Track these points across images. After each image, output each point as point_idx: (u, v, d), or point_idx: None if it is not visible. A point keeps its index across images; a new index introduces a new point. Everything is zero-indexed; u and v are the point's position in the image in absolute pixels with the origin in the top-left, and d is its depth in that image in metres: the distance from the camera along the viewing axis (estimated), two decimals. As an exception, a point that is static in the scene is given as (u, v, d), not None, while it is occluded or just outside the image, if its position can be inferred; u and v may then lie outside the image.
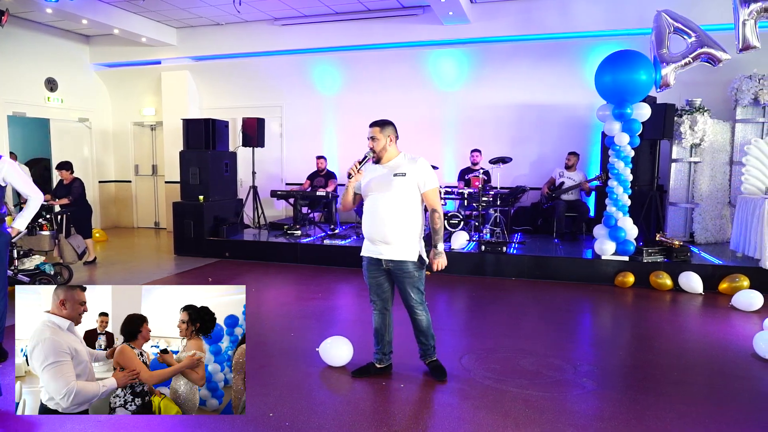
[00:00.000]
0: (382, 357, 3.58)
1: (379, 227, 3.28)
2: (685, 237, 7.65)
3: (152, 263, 7.60)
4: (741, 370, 3.78)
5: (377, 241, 3.32)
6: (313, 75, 9.85)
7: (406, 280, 3.36)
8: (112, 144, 11.29)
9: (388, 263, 3.34)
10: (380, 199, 3.28)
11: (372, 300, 3.52)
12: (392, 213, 3.26)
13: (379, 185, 3.30)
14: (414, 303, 3.42)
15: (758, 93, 7.10)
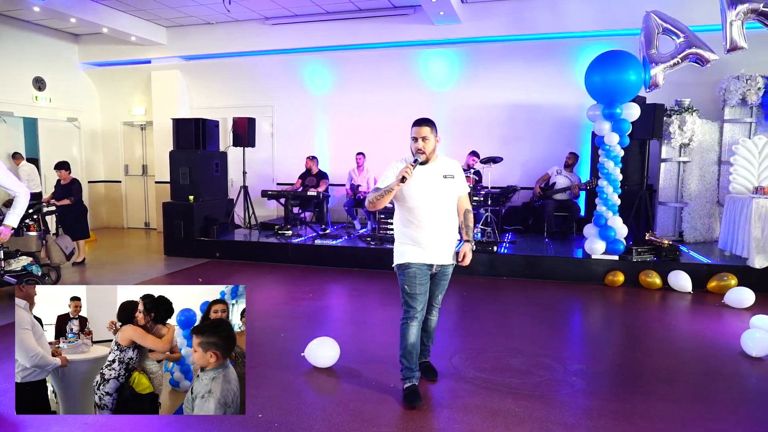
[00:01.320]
0: (419, 374, 3.32)
1: (433, 232, 3.13)
2: (674, 236, 7.70)
3: (142, 264, 7.54)
4: (728, 369, 3.81)
5: (430, 246, 3.14)
6: (303, 75, 9.83)
7: (443, 282, 3.33)
8: (101, 144, 11.21)
9: (437, 268, 3.22)
10: (432, 203, 3.12)
11: (413, 309, 3.17)
12: (446, 216, 3.18)
13: (430, 188, 3.12)
14: (437, 305, 3.41)
15: (746, 93, 7.16)
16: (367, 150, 9.12)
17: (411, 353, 3.20)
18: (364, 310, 5.50)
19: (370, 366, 3.77)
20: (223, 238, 8.05)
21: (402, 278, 3.19)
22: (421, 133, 3.11)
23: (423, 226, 3.13)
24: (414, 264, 3.15)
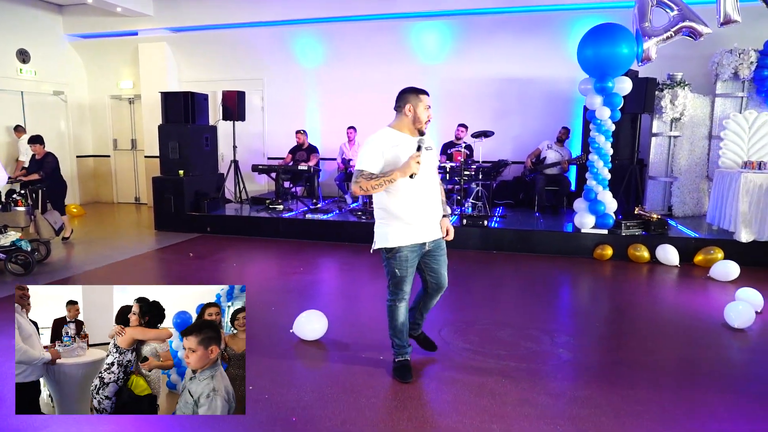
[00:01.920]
0: (411, 348, 3.31)
1: (423, 208, 3.01)
2: (663, 210, 7.75)
3: (133, 239, 7.52)
4: (711, 340, 3.88)
5: (421, 224, 3.03)
6: (294, 47, 9.69)
7: (442, 257, 3.19)
8: (89, 118, 11.05)
9: (431, 244, 3.11)
10: (425, 177, 2.98)
11: (402, 292, 3.10)
12: (433, 190, 3.07)
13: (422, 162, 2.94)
14: (445, 283, 3.25)
15: (738, 67, 7.13)
16: (359, 124, 9.05)
17: (402, 331, 3.19)
18: (355, 283, 5.53)
19: (360, 338, 3.82)
20: (214, 212, 8.02)
21: (392, 262, 3.06)
22: (429, 102, 3.00)
23: (413, 203, 2.98)
24: (405, 247, 3.02)
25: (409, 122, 2.99)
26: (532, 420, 2.73)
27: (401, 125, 3.02)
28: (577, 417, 2.77)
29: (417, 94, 3.00)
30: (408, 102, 2.98)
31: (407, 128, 3.01)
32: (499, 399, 2.94)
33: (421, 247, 3.09)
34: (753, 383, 3.20)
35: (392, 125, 3.05)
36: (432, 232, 3.10)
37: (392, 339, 3.24)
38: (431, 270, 3.20)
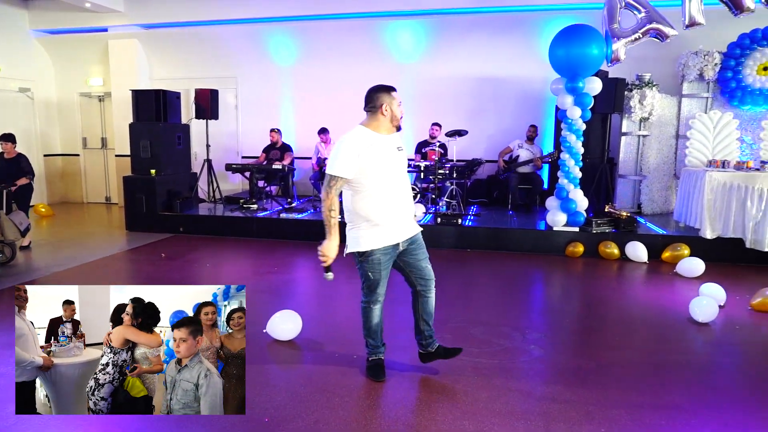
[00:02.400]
0: (384, 348, 3.26)
1: (397, 208, 2.97)
2: (633, 208, 7.93)
3: (103, 239, 7.38)
4: (677, 334, 3.99)
5: (394, 224, 2.96)
6: (269, 45, 9.61)
7: (420, 251, 3.09)
8: (57, 116, 10.79)
9: (404, 243, 3.03)
10: (392, 179, 2.95)
11: (376, 294, 3.08)
12: (405, 190, 3.03)
13: (393, 163, 2.95)
14: (431, 275, 3.13)
15: (703, 69, 7.33)
16: (333, 122, 9.03)
17: (376, 332, 3.17)
18: (329, 283, 5.49)
19: (334, 338, 3.83)
20: (187, 212, 7.92)
21: (365, 265, 3.01)
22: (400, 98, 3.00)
23: (385, 206, 2.92)
24: (377, 250, 2.96)
25: (387, 121, 2.95)
26: (503, 417, 2.77)
27: (377, 125, 2.95)
28: (548, 413, 2.82)
29: (389, 92, 2.96)
30: (383, 102, 2.91)
31: (384, 128, 2.96)
32: (471, 396, 2.98)
33: (395, 248, 3.01)
34: (716, 376, 3.30)
35: (366, 124, 2.96)
36: (404, 231, 3.02)
37: (366, 339, 3.24)
38: (411, 267, 3.09)
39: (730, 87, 7.27)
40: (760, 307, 4.45)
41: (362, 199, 2.93)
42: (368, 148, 2.87)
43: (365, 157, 2.85)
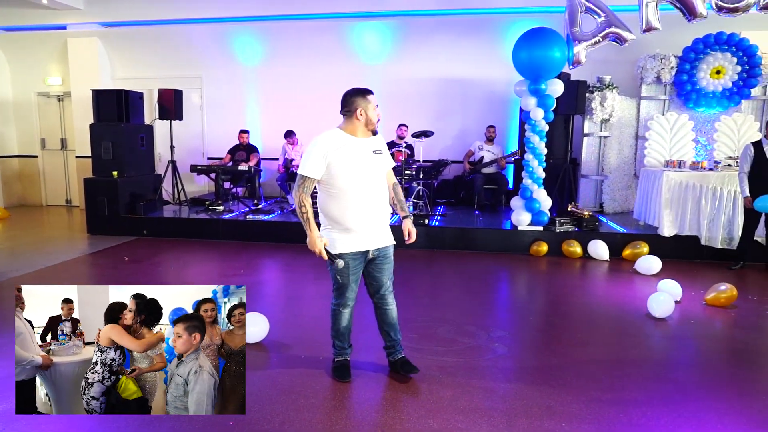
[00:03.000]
0: (351, 350, 3.30)
1: (367, 215, 2.93)
2: (595, 207, 8.13)
3: (64, 243, 7.18)
4: (635, 329, 4.12)
5: (364, 231, 2.95)
6: (234, 45, 9.51)
7: (386, 266, 3.09)
8: (13, 116, 10.43)
9: (375, 252, 3.02)
10: (364, 183, 2.90)
11: (344, 298, 3.07)
12: (379, 196, 2.97)
13: (361, 167, 2.89)
14: (388, 292, 3.15)
15: (660, 72, 7.57)
16: (299, 123, 9.01)
17: (343, 334, 3.19)
18: (297, 284, 5.50)
19: (301, 340, 3.82)
20: (151, 214, 7.77)
21: (334, 268, 2.98)
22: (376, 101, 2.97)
23: (355, 210, 2.89)
24: (346, 254, 2.94)
25: (362, 125, 2.93)
26: (467, 414, 2.82)
27: (353, 128, 2.93)
28: (511, 409, 2.88)
29: (365, 95, 2.93)
30: (358, 106, 2.90)
31: (360, 131, 2.94)
32: (435, 395, 3.02)
33: (364, 255, 3.00)
34: (672, 371, 3.42)
35: (342, 127, 2.96)
36: (376, 239, 3.01)
37: (333, 340, 3.25)
38: (372, 278, 3.11)
39: (686, 90, 7.53)
40: (714, 302, 4.63)
41: (332, 202, 2.93)
42: (338, 149, 2.86)
43: (334, 159, 2.85)
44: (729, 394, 3.10)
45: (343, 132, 2.95)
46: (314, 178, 2.89)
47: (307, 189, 2.90)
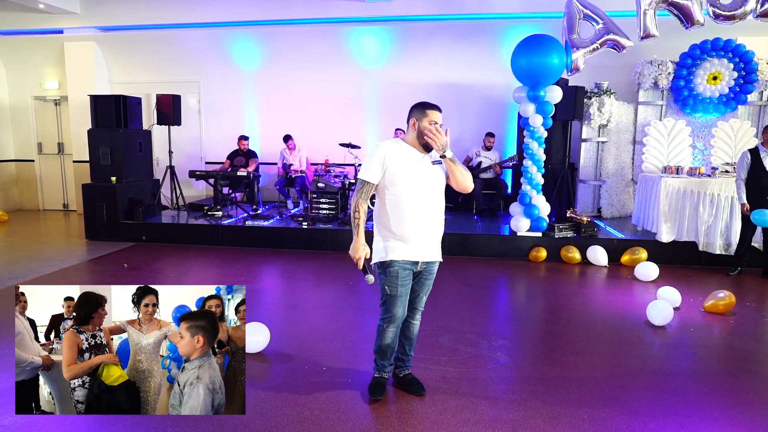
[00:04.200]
0: (391, 368, 3.24)
1: (421, 225, 2.89)
2: (593, 212, 8.16)
3: (61, 249, 7.16)
4: (635, 337, 4.14)
5: (417, 241, 2.90)
6: (232, 50, 9.51)
7: (428, 282, 3.07)
8: (9, 120, 10.40)
9: (423, 265, 2.99)
10: (421, 193, 2.87)
11: (391, 314, 2.98)
12: (435, 207, 2.94)
13: (420, 177, 2.87)
14: (420, 308, 3.14)
15: (657, 78, 7.61)
16: (298, 128, 9.02)
17: (385, 352, 3.11)
18: (297, 292, 5.50)
19: (302, 350, 3.82)
20: (150, 220, 7.76)
21: (383, 278, 2.95)
22: (439, 118, 2.86)
23: (409, 218, 2.86)
24: (397, 262, 2.90)
25: (414, 137, 2.90)
26: (470, 425, 2.83)
27: (411, 139, 2.92)
28: (514, 420, 2.89)
29: (423, 109, 2.90)
30: (412, 117, 2.91)
31: (414, 142, 2.91)
32: (440, 405, 3.03)
33: (414, 265, 2.96)
34: (671, 379, 3.44)
35: (404, 137, 2.99)
36: (428, 252, 2.97)
37: (375, 354, 3.17)
38: (411, 291, 3.06)
39: (683, 95, 7.57)
40: (712, 309, 4.66)
41: (388, 209, 2.91)
42: (394, 157, 2.87)
43: (392, 165, 2.86)
44: (729, 403, 3.12)
45: (401, 141, 2.95)
46: (372, 183, 2.89)
47: (364, 194, 2.90)
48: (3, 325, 4.30)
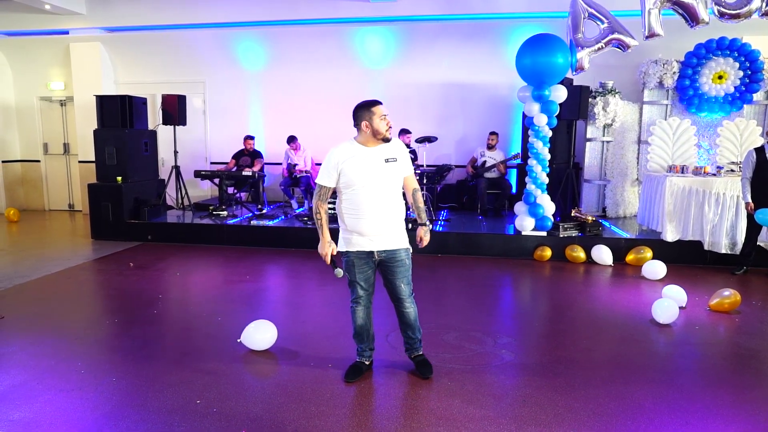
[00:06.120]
0: (370, 353, 3.43)
1: (376, 219, 3.07)
2: (598, 212, 8.16)
3: (67, 249, 7.19)
4: (640, 335, 4.14)
5: (372, 234, 3.10)
6: (237, 50, 9.54)
7: (398, 270, 3.20)
8: (15, 120, 10.46)
9: (381, 254, 3.16)
10: (374, 190, 3.05)
11: (357, 295, 3.26)
12: (389, 202, 3.10)
13: (371, 174, 3.03)
14: (404, 295, 3.26)
15: (662, 77, 7.60)
16: (303, 128, 9.04)
17: (360, 334, 3.33)
18: (302, 291, 5.52)
19: (308, 347, 3.83)
20: (155, 220, 7.79)
21: (343, 265, 3.23)
22: (386, 110, 3.07)
23: (365, 214, 3.06)
24: (351, 252, 3.17)
25: (370, 136, 3.05)
26: (476, 421, 2.84)
27: (363, 139, 3.09)
28: (520, 416, 2.90)
29: (369, 107, 3.05)
30: (362, 119, 3.04)
31: (370, 141, 3.07)
32: (445, 402, 3.04)
33: (369, 255, 3.16)
34: (676, 376, 3.44)
35: (356, 138, 3.13)
36: (381, 242, 3.14)
37: (354, 340, 3.41)
38: (386, 280, 3.27)
39: (688, 94, 7.56)
40: (718, 307, 4.65)
41: (342, 205, 3.15)
42: (348, 159, 3.05)
43: (345, 168, 3.04)
44: (734, 400, 3.12)
45: (355, 143, 3.12)
46: (328, 187, 3.12)
47: (322, 197, 3.14)
48: (10, 323, 4.33)
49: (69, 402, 3.00)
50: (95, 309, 4.91)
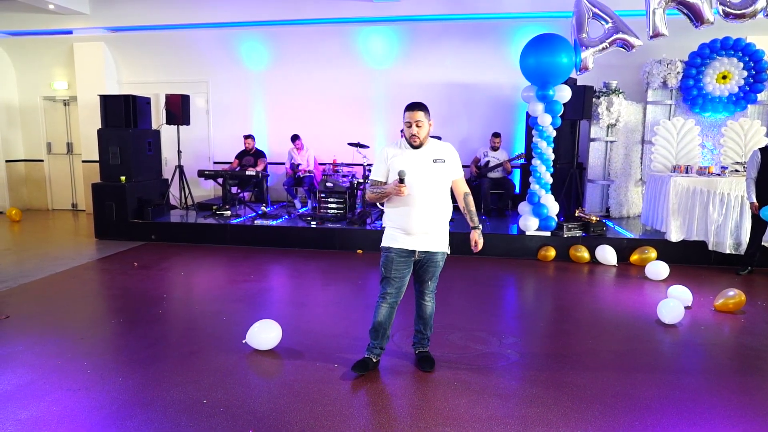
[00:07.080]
0: (380, 352, 3.45)
1: (421, 219, 3.13)
2: (601, 212, 8.14)
3: (71, 248, 7.20)
4: (646, 335, 4.13)
5: (416, 232, 3.16)
6: (240, 50, 9.55)
7: (431, 269, 3.31)
8: (19, 120, 10.48)
9: (421, 254, 3.23)
10: (420, 189, 3.11)
11: (385, 292, 3.29)
12: (435, 202, 3.16)
13: (419, 174, 3.11)
14: (429, 291, 3.40)
15: (666, 77, 7.60)
16: (306, 127, 9.04)
17: (377, 330, 3.35)
18: (306, 290, 5.52)
19: (313, 347, 3.83)
20: (159, 219, 7.80)
21: (382, 260, 3.28)
22: (415, 117, 3.08)
23: (410, 212, 3.13)
24: (393, 249, 3.22)
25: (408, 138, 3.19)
26: (483, 421, 2.84)
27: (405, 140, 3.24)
28: (526, 416, 2.90)
29: (404, 112, 3.15)
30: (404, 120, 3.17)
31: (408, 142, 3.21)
32: (451, 403, 3.04)
33: (410, 254, 3.23)
34: (682, 376, 3.44)
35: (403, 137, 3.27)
36: (425, 242, 3.21)
37: (369, 334, 3.42)
38: (417, 275, 3.36)
39: (692, 94, 7.55)
40: (722, 307, 4.64)
41: (391, 202, 3.23)
42: (397, 155, 3.19)
43: (393, 162, 3.17)
44: (740, 400, 3.11)
45: (403, 141, 3.25)
46: (380, 181, 3.24)
47: (374, 190, 3.26)
48: (16, 323, 4.33)
49: (76, 401, 3.00)
50: (100, 308, 4.91)
